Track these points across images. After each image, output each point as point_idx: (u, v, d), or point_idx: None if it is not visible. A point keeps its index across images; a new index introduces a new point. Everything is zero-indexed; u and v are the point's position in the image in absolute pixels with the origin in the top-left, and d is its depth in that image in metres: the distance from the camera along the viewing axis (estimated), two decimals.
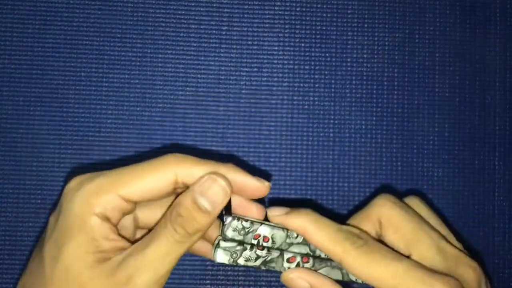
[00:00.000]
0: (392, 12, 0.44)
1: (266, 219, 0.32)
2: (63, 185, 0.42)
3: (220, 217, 0.31)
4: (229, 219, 0.31)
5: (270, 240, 0.31)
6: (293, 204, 0.41)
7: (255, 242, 0.31)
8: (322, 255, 0.32)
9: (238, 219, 0.31)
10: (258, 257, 0.31)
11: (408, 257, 0.31)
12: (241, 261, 0.31)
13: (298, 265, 0.32)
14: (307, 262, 0.32)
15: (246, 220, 0.31)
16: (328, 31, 0.44)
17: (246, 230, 0.31)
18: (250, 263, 0.31)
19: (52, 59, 0.43)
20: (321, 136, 0.43)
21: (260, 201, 0.33)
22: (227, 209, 0.31)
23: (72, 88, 0.43)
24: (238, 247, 0.31)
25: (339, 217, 0.40)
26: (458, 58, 0.44)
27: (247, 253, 0.31)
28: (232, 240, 0.31)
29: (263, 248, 0.31)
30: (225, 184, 0.29)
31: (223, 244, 0.31)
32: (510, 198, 0.44)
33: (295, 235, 0.31)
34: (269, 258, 0.31)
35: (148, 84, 0.43)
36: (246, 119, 0.43)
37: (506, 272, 0.43)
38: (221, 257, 0.31)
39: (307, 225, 0.31)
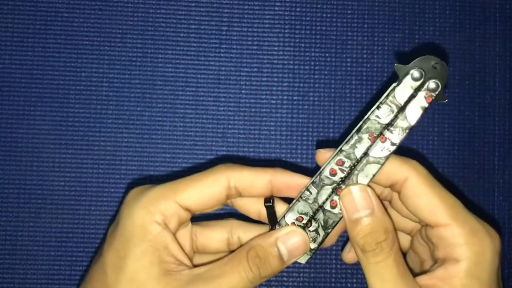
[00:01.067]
0: (392, 12, 0.44)
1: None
2: (64, 186, 0.42)
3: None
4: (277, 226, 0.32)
5: (303, 216, 0.31)
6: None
7: (300, 228, 0.32)
8: (342, 175, 0.31)
9: (277, 223, 0.31)
10: (316, 230, 0.31)
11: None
12: (313, 246, 0.31)
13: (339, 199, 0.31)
14: (341, 190, 0.31)
15: (279, 223, 0.31)
16: (328, 31, 0.44)
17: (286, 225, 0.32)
18: (319, 239, 0.31)
19: (52, 59, 0.43)
20: (321, 136, 0.43)
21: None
22: (273, 220, 0.31)
23: (73, 88, 0.43)
24: None
25: None
26: (458, 58, 0.44)
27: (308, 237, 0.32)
28: None
29: (309, 223, 0.31)
30: (306, 239, 0.31)
31: None
32: (510, 198, 0.44)
33: (307, 194, 0.31)
34: (322, 223, 0.31)
35: (148, 84, 0.43)
36: (246, 119, 0.43)
37: (506, 272, 0.43)
38: (303, 258, 0.32)
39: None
